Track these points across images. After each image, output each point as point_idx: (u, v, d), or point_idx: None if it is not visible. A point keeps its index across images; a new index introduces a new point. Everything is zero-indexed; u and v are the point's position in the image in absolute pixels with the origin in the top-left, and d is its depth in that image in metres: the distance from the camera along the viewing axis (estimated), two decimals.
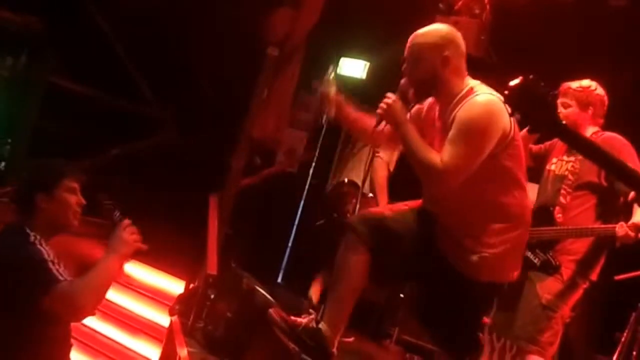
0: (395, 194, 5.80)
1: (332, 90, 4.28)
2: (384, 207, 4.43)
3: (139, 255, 3.73)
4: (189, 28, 7.75)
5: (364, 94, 7.85)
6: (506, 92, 2.61)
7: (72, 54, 8.01)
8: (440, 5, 6.56)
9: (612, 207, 4.60)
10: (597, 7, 6.47)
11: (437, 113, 4.00)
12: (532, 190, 5.02)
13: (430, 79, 3.88)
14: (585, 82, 4.82)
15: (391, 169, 6.05)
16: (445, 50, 3.88)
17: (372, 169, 5.77)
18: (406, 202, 4.30)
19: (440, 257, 3.95)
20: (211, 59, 7.66)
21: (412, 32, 4.03)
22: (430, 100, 4.08)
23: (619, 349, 5.47)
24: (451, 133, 3.74)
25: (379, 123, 3.97)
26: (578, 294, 4.69)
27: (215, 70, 7.68)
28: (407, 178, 4.20)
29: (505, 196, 3.94)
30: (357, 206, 4.82)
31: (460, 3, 6.61)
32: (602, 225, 4.52)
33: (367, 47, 7.64)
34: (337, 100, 4.27)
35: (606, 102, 4.82)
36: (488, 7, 6.49)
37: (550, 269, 4.57)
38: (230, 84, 7.43)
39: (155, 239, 6.08)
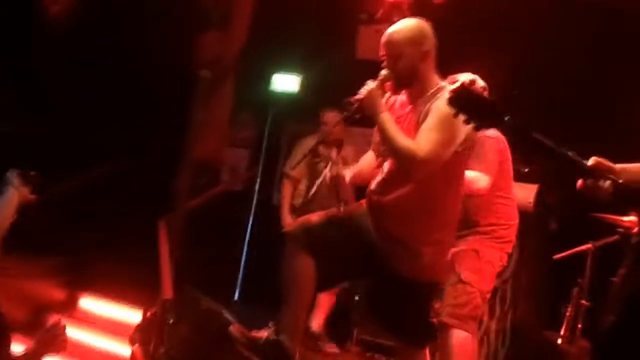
0: None
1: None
2: (323, 214, 4.46)
3: (93, 290, 3.71)
4: (121, 55, 7.71)
5: (299, 108, 7.91)
6: (448, 96, 2.70)
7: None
8: (362, 16, 6.64)
9: None
10: (510, 4, 6.62)
11: (400, 104, 4.06)
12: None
13: (410, 73, 3.94)
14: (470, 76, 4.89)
15: None
16: (424, 44, 3.94)
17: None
18: (345, 208, 4.35)
19: (379, 258, 3.99)
20: (147, 84, 7.63)
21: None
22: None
23: (565, 323, 5.59)
24: (427, 122, 3.81)
25: (357, 112, 3.98)
26: (494, 271, 4.78)
27: (151, 95, 7.65)
28: None
29: (450, 195, 4.01)
30: None
31: (380, 12, 6.70)
32: None
33: (299, 61, 7.67)
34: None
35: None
36: (407, 13, 6.58)
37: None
38: (166, 109, 7.40)
39: (107, 270, 6.07)
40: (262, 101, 8.08)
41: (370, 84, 3.94)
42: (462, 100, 2.75)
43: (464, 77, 4.78)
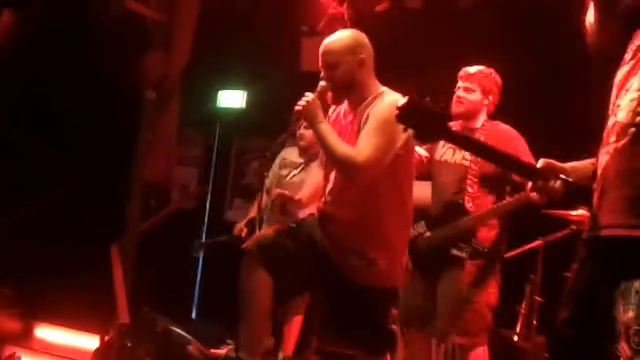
0: None
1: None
2: (277, 228, 4.45)
3: (48, 318, 3.64)
4: (65, 79, 7.63)
5: (246, 123, 7.89)
6: (396, 111, 2.70)
7: None
8: (304, 28, 6.64)
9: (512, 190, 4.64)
10: (445, 9, 6.69)
11: (343, 113, 4.06)
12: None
13: (348, 81, 3.94)
14: (485, 68, 4.90)
15: None
16: (360, 52, 3.95)
17: None
18: (296, 221, 4.34)
19: (333, 267, 3.96)
20: (93, 109, 7.56)
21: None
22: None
23: (520, 320, 5.61)
24: (366, 128, 3.81)
25: (296, 122, 4.01)
26: (495, 276, 4.77)
27: (98, 118, 7.59)
28: None
29: (400, 200, 4.01)
30: None
31: (322, 24, 6.71)
32: (516, 196, 4.55)
33: (244, 76, 7.66)
34: None
35: (499, 85, 4.91)
36: (349, 24, 6.60)
37: (480, 255, 4.58)
38: (114, 131, 7.34)
39: (62, 298, 5.98)
40: (208, 118, 8.04)
41: (309, 95, 3.95)
42: (409, 115, 2.74)
43: (485, 69, 4.82)
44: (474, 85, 4.83)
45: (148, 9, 6.65)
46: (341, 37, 4.06)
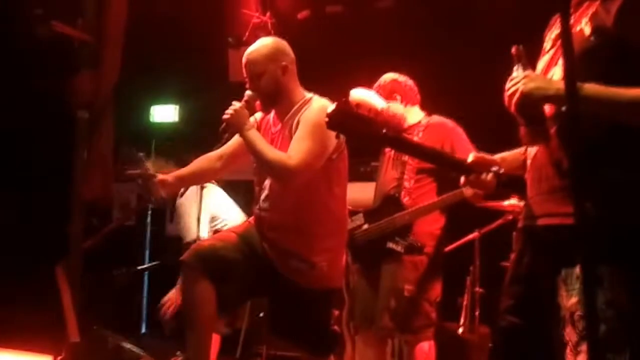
0: None
1: (149, 176, 4.20)
2: (213, 238, 4.41)
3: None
4: None
5: (179, 135, 7.83)
6: (326, 119, 2.67)
7: None
8: (230, 40, 6.61)
9: (449, 185, 4.63)
10: (364, 12, 6.72)
11: (271, 121, 4.05)
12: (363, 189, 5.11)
13: (274, 89, 3.94)
14: (380, 80, 4.91)
15: None
16: (282, 59, 3.94)
17: None
18: (232, 229, 4.31)
19: (275, 272, 3.98)
20: (26, 131, 7.43)
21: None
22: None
23: (463, 312, 5.64)
24: (297, 133, 3.82)
25: (225, 131, 3.93)
26: (437, 272, 4.76)
27: (32, 140, 7.46)
28: None
29: (335, 202, 4.00)
30: None
31: (247, 34, 6.69)
32: (450, 193, 4.55)
33: (175, 91, 7.60)
34: (160, 180, 4.18)
35: (408, 82, 4.90)
36: (273, 32, 6.59)
37: (415, 250, 4.58)
38: (48, 153, 7.22)
39: (11, 321, 5.85)
40: (143, 133, 7.96)
41: (236, 105, 3.91)
42: (340, 122, 2.72)
43: (379, 82, 4.80)
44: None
45: (75, 30, 6.52)
46: (262, 46, 4.05)
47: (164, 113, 7.71)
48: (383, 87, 4.85)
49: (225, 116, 3.92)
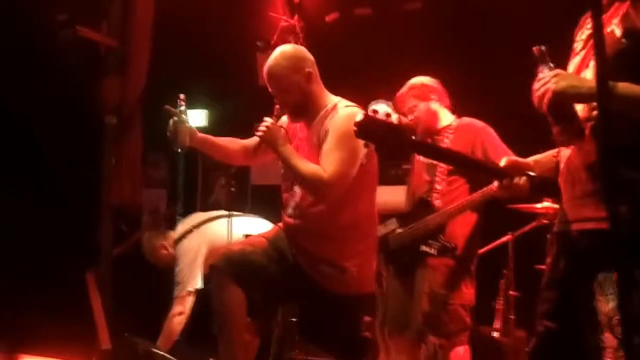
0: None
1: (183, 121, 4.22)
2: (242, 243, 4.43)
3: (31, 350, 3.60)
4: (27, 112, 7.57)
5: None
6: (354, 129, 2.69)
7: None
8: (258, 44, 6.64)
9: (481, 186, 4.58)
10: (394, 14, 6.72)
11: (300, 129, 4.06)
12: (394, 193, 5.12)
13: (301, 99, 3.94)
14: (410, 82, 4.92)
15: None
16: (304, 66, 3.94)
17: None
18: (262, 234, 4.32)
19: (305, 278, 3.98)
20: (54, 138, 7.49)
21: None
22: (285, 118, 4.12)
23: (498, 316, 5.63)
24: (327, 144, 3.82)
25: (260, 146, 3.96)
26: (470, 275, 4.76)
27: (60, 147, 7.51)
28: None
29: (365, 207, 4.02)
30: None
31: (275, 37, 6.72)
32: (479, 192, 4.52)
33: (205, 95, 7.63)
34: (190, 130, 4.21)
35: (439, 85, 4.90)
36: (301, 35, 6.62)
37: (448, 252, 4.57)
38: (77, 160, 7.27)
39: (43, 329, 5.92)
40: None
41: (268, 120, 3.93)
42: (367, 131, 2.74)
43: (410, 83, 4.80)
44: (411, 102, 4.82)
45: (100, 35, 6.58)
46: (282, 58, 4.02)
47: (193, 117, 7.75)
48: (418, 88, 4.85)
49: (258, 133, 3.94)
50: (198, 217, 5.97)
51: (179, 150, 4.35)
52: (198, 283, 5.51)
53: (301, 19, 6.98)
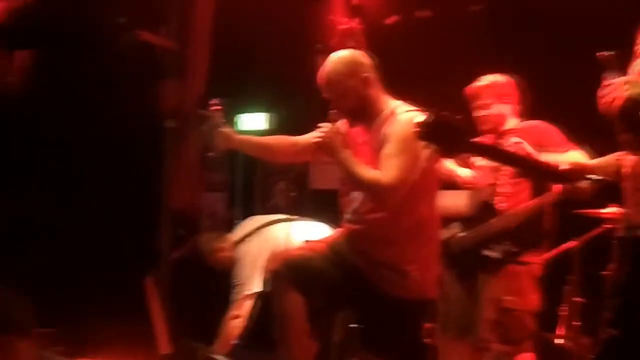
0: None
1: (217, 125, 4.25)
2: (302, 247, 4.45)
3: (89, 355, 3.65)
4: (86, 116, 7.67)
5: None
6: (416, 130, 2.70)
7: None
8: (318, 46, 6.66)
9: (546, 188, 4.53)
10: (455, 16, 6.70)
11: (358, 133, 4.07)
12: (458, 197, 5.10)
13: (359, 104, 3.94)
14: (489, 77, 4.88)
15: None
16: (362, 71, 3.94)
17: None
18: (322, 239, 4.34)
19: (365, 283, 3.99)
20: (113, 142, 7.59)
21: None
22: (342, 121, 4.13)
23: (562, 322, 5.57)
24: (387, 148, 3.81)
25: (318, 152, 4.01)
26: (535, 281, 4.73)
27: (119, 151, 7.61)
28: None
29: (426, 210, 4.01)
30: None
31: (334, 41, 6.73)
32: (542, 196, 4.50)
33: (265, 98, 7.68)
34: (225, 133, 4.25)
35: (517, 87, 4.87)
36: (361, 38, 6.62)
37: (511, 256, 4.56)
38: (136, 163, 7.36)
39: (101, 334, 6.00)
40: None
41: (326, 126, 3.94)
42: (431, 132, 2.74)
43: (490, 78, 4.78)
44: (487, 99, 4.79)
45: (159, 38, 6.67)
46: (337, 63, 4.04)
47: (253, 121, 7.80)
48: (499, 87, 4.81)
49: (317, 140, 3.95)
50: (258, 220, 6.01)
51: (214, 154, 4.38)
52: (257, 286, 5.53)
53: (361, 22, 6.99)
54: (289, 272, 4.03)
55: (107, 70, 7.03)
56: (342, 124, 4.13)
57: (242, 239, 5.84)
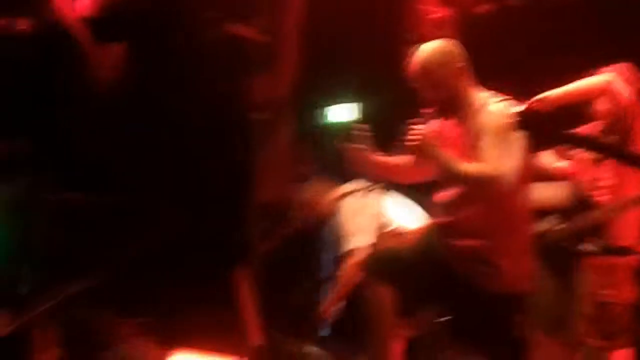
0: None
1: (361, 148, 4.29)
2: (393, 241, 4.46)
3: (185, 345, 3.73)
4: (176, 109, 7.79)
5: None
6: (514, 119, 2.70)
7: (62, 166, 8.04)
8: (408, 36, 6.64)
9: None
10: (548, 3, 6.61)
11: (448, 126, 4.06)
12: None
13: (451, 95, 3.93)
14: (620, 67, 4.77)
15: None
16: (456, 61, 3.92)
17: None
18: (412, 232, 4.34)
19: (457, 276, 3.98)
20: (204, 134, 7.69)
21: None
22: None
23: None
24: (484, 141, 3.76)
25: (413, 154, 4.03)
26: (632, 273, 4.65)
27: (209, 143, 7.71)
28: None
29: (519, 203, 3.98)
30: None
31: (424, 30, 6.71)
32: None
33: (353, 90, 7.69)
34: (367, 155, 4.33)
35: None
36: (451, 26, 6.59)
37: (610, 251, 4.49)
38: (226, 155, 7.45)
39: (195, 324, 6.11)
40: (320, 134, 8.07)
41: (418, 127, 3.91)
42: (527, 122, 2.74)
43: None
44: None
45: (249, 30, 6.74)
46: (431, 52, 4.01)
47: (342, 112, 7.81)
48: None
49: (411, 142, 3.93)
50: (362, 183, 6.03)
51: (353, 177, 4.40)
52: (364, 240, 5.47)
53: (452, 11, 6.95)
54: (379, 264, 4.07)
55: (198, 63, 7.13)
56: (431, 121, 4.10)
57: (348, 194, 5.85)
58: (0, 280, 7.18)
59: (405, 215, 5.74)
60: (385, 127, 5.83)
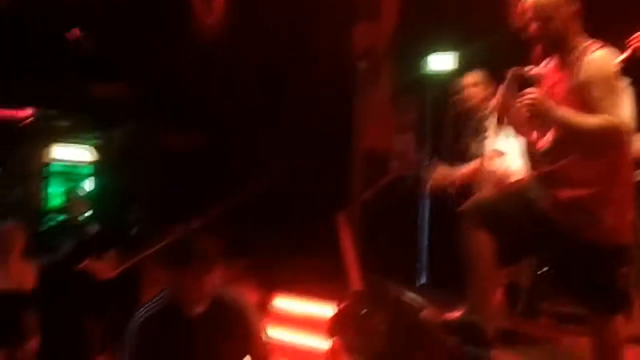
0: None
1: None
2: (494, 189, 4.45)
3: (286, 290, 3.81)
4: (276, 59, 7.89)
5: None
6: (618, 66, 2.69)
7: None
8: None
9: None
10: None
11: (550, 70, 4.00)
12: None
13: (561, 34, 3.89)
14: None
15: None
16: (574, 3, 3.91)
17: None
18: (513, 181, 4.33)
19: (558, 227, 3.94)
20: (304, 83, 7.78)
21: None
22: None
23: None
24: (596, 91, 3.74)
25: (532, 118, 3.95)
26: None
27: (309, 93, 7.79)
28: None
29: (620, 152, 3.95)
30: None
31: None
32: None
33: (452, 38, 7.65)
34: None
35: None
36: None
37: None
38: (324, 104, 7.53)
39: (294, 268, 6.25)
40: (420, 83, 8.07)
41: (532, 91, 3.90)
42: (632, 69, 2.74)
43: None
44: None
45: None
46: None
47: (442, 62, 7.78)
48: None
49: (525, 108, 3.90)
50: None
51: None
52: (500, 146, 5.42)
53: None
54: (479, 212, 4.06)
55: (302, 14, 7.21)
56: (532, 67, 4.07)
57: None
58: (111, 223, 7.48)
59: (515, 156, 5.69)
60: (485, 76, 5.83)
